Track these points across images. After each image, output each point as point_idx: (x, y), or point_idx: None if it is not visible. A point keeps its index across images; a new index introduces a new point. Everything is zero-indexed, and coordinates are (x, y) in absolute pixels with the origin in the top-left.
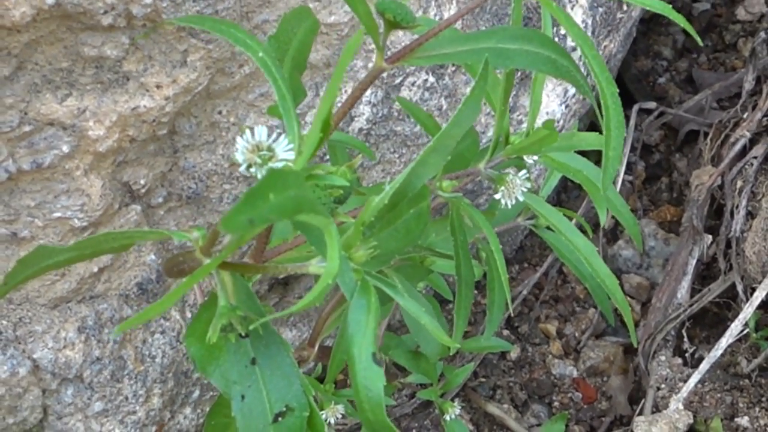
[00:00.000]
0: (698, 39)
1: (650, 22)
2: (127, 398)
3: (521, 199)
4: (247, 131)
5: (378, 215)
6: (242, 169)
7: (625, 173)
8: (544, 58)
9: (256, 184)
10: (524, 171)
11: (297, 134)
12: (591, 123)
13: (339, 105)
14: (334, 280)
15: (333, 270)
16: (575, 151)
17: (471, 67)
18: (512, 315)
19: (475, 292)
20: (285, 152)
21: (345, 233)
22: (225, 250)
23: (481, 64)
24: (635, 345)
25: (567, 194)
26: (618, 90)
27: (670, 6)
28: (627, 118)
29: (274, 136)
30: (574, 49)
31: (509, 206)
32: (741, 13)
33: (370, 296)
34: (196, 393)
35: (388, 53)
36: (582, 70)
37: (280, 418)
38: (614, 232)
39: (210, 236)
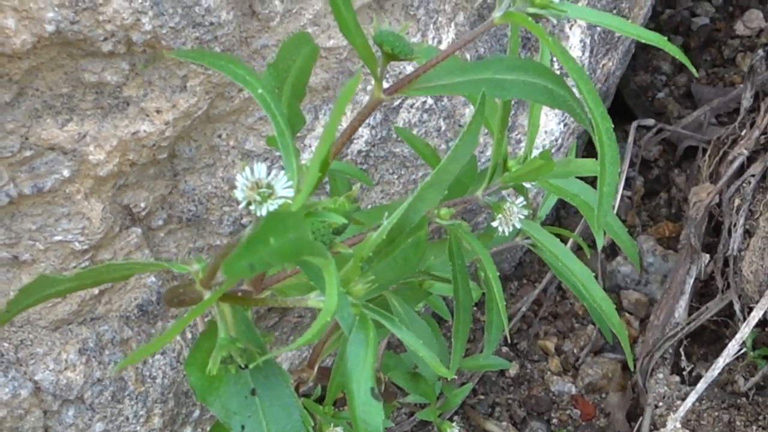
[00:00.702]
0: (693, 70)
1: None
2: (128, 419)
3: (518, 226)
4: (247, 169)
5: (376, 250)
6: (242, 206)
7: (624, 188)
8: (541, 88)
9: (256, 228)
10: (521, 198)
11: (296, 170)
12: (589, 140)
13: (338, 134)
14: (333, 317)
15: (332, 307)
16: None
17: (472, 98)
18: (511, 332)
19: (474, 309)
20: (284, 189)
21: (343, 268)
22: (225, 284)
23: (478, 96)
24: (632, 368)
25: (566, 210)
26: (613, 125)
27: (665, 38)
28: (626, 133)
29: (273, 173)
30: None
31: (506, 233)
32: (740, 28)
33: (369, 331)
34: (197, 413)
35: (389, 78)
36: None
37: None
38: (613, 248)
39: (210, 269)
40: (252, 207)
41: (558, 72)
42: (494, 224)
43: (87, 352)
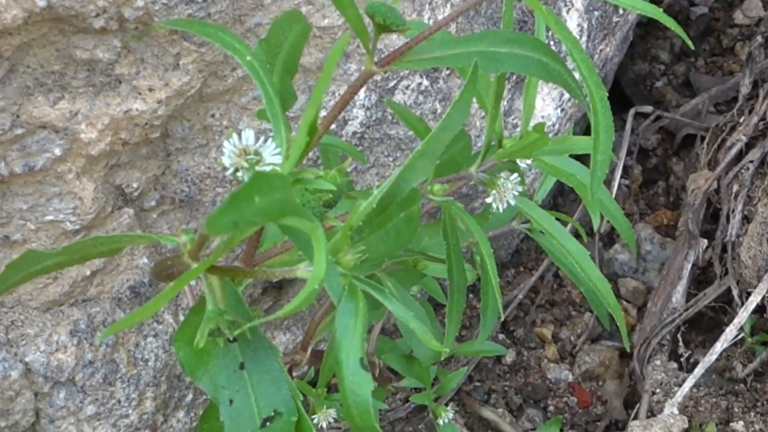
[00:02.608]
0: (689, 43)
1: (648, 26)
2: (119, 401)
3: (513, 202)
4: (234, 135)
5: (366, 219)
6: (229, 173)
7: (622, 177)
8: (535, 62)
9: (241, 186)
10: (516, 175)
11: (285, 138)
12: (587, 127)
13: (329, 109)
14: (321, 285)
15: (320, 274)
16: (570, 155)
17: (463, 70)
18: (508, 319)
19: (471, 296)
20: (272, 156)
21: (333, 238)
22: (213, 254)
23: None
24: (628, 350)
25: (564, 198)
26: (607, 93)
27: (661, 11)
28: (623, 121)
29: (261, 140)
30: (567, 54)
31: (500, 210)
32: (739, 17)
33: (358, 301)
34: (189, 396)
35: (382, 57)
36: (576, 76)
37: (268, 423)
38: (610, 236)
39: (198, 240)
40: (239, 174)
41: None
42: (488, 200)
43: (78, 333)
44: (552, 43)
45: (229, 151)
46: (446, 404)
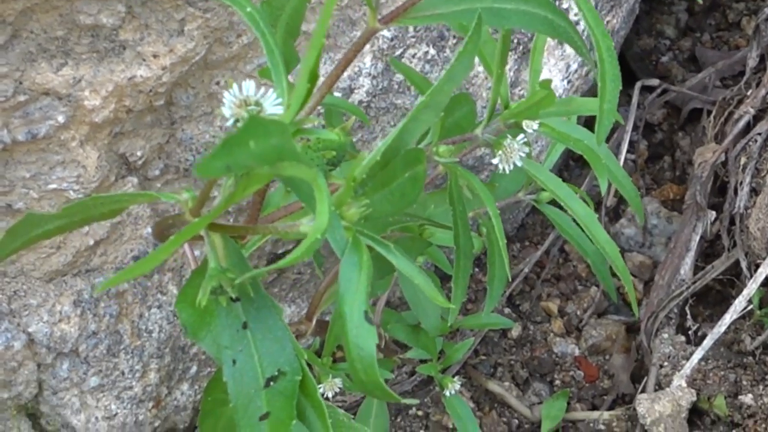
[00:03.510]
0: None
1: (653, 1)
2: (123, 373)
3: (519, 163)
4: (235, 86)
5: (370, 173)
6: (229, 123)
7: (628, 152)
8: (541, 18)
9: (235, 131)
10: (522, 135)
11: (285, 89)
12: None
13: (332, 67)
14: (323, 236)
15: (322, 225)
16: (577, 123)
17: (467, 29)
18: (513, 293)
19: (476, 269)
20: (273, 106)
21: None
22: (215, 210)
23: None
24: (637, 317)
25: (569, 172)
26: (614, 41)
27: None
28: (629, 96)
29: (262, 90)
30: (577, 23)
31: (507, 171)
32: None
33: (362, 254)
34: (194, 369)
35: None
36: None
37: (272, 383)
38: (617, 211)
39: (200, 197)
40: (240, 124)
41: None
42: (494, 161)
43: (82, 304)
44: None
45: (229, 102)
46: (452, 377)
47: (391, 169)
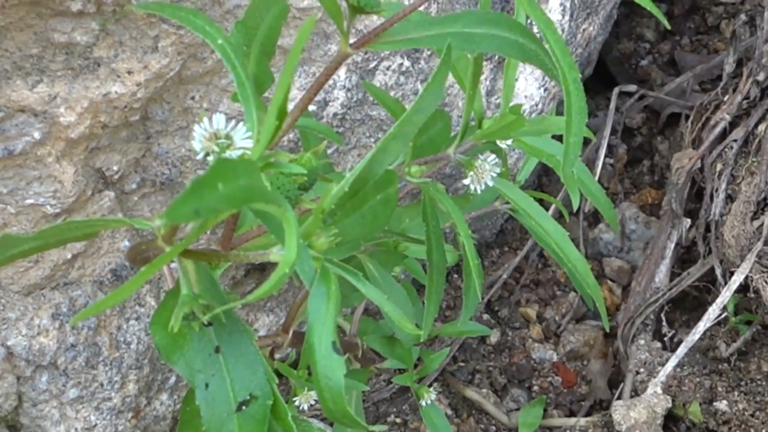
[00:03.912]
0: (666, 23)
1: (632, 5)
2: (102, 385)
3: (491, 184)
4: (205, 119)
5: (339, 203)
6: (199, 157)
7: (606, 156)
8: (511, 42)
9: (204, 173)
10: (494, 156)
11: (256, 122)
12: None
13: (305, 91)
14: (292, 269)
15: (290, 259)
16: (552, 136)
17: (441, 51)
18: (492, 299)
19: (455, 276)
20: (243, 140)
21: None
22: (186, 239)
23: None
24: (608, 330)
25: (548, 177)
26: (584, 74)
27: None
28: (608, 100)
29: (232, 123)
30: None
31: (478, 191)
32: None
33: (330, 284)
34: (173, 379)
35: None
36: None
37: (244, 407)
38: (595, 216)
39: (172, 224)
40: (210, 158)
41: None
42: (466, 182)
43: (60, 317)
44: (534, 27)
45: (200, 135)
46: (430, 385)
47: (362, 193)
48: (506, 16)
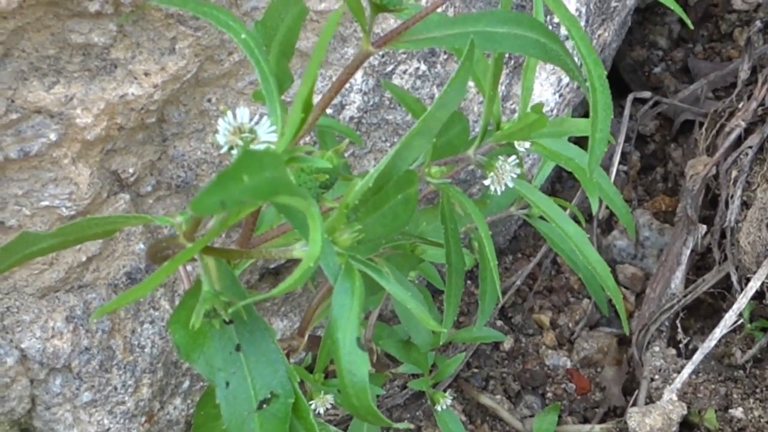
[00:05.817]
0: (689, 22)
1: (646, 12)
2: (116, 388)
3: (511, 185)
4: (229, 113)
5: (363, 199)
6: (223, 151)
7: (620, 163)
8: (533, 42)
9: (229, 165)
10: (514, 156)
11: (280, 116)
12: (585, 113)
13: (327, 89)
14: (317, 263)
15: (315, 253)
16: (569, 140)
17: (460, 51)
18: (506, 306)
19: (469, 282)
20: (267, 134)
21: (330, 217)
22: (208, 234)
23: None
24: (627, 334)
25: (561, 184)
26: (605, 72)
27: None
28: (621, 107)
29: (256, 118)
30: (567, 38)
31: (498, 192)
32: (737, 2)
33: (355, 280)
34: (186, 383)
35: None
36: (576, 59)
37: (264, 405)
38: (609, 223)
39: (193, 221)
40: (234, 152)
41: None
42: (486, 182)
43: (74, 320)
44: (550, 27)
45: (224, 129)
46: (444, 391)
47: (384, 192)
48: (527, 15)
